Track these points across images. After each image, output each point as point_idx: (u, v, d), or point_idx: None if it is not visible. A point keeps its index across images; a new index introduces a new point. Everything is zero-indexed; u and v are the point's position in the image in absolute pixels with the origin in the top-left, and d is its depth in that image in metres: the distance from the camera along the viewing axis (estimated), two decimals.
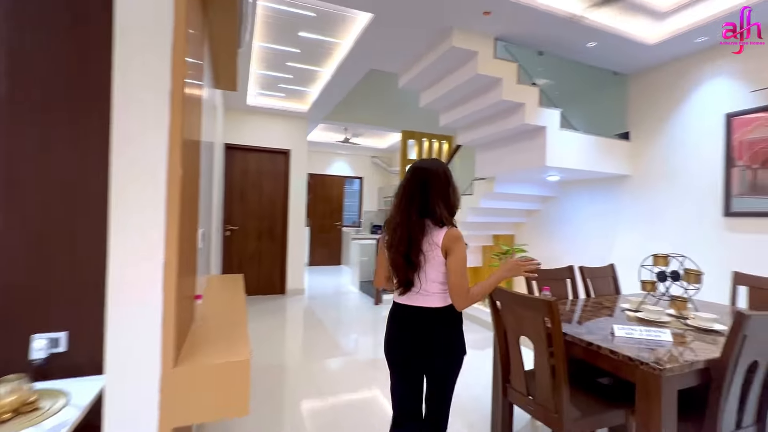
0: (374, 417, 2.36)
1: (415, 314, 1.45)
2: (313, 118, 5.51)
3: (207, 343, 1.31)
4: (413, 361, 1.47)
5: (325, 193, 8.66)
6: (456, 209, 1.51)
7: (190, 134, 1.35)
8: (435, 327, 1.44)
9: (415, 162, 1.61)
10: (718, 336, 1.68)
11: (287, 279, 5.46)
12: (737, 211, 2.90)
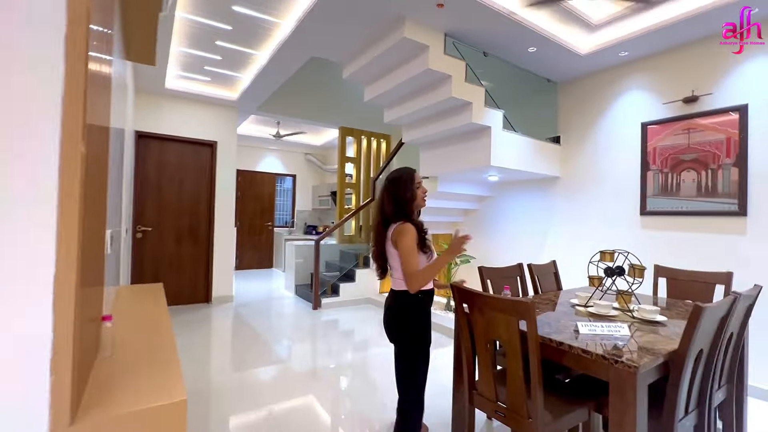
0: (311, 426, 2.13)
1: (388, 296, 1.87)
2: (243, 108, 5.02)
3: (122, 381, 0.98)
4: (391, 339, 1.84)
5: (254, 192, 8.04)
6: (408, 204, 1.77)
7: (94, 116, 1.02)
8: (395, 306, 1.80)
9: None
10: (660, 326, 1.78)
11: (213, 286, 4.89)
12: (651, 210, 3.23)
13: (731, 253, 2.78)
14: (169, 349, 1.27)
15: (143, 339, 1.37)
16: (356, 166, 6.24)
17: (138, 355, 1.21)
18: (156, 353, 1.23)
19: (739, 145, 2.77)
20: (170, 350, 1.26)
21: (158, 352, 1.24)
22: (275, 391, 2.57)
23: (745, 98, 2.74)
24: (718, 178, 2.86)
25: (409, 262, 1.66)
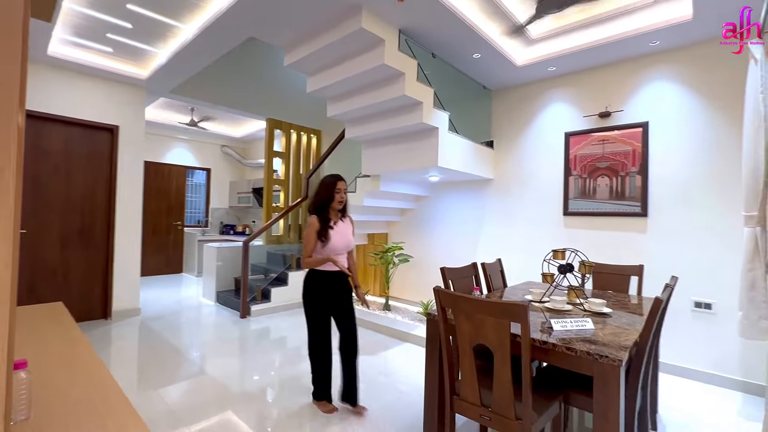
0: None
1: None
2: (153, 89, 4.31)
3: None
4: None
5: (160, 186, 7.03)
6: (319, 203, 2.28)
7: None
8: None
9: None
10: (608, 318, 1.96)
11: (113, 297, 4.11)
12: (572, 211, 3.62)
13: (636, 248, 3.24)
14: (107, 388, 0.96)
15: (65, 380, 1.02)
16: (285, 161, 5.85)
17: (68, 406, 0.89)
18: (91, 398, 0.91)
19: (642, 156, 3.24)
20: (109, 388, 0.96)
21: (93, 395, 0.93)
22: (193, 412, 2.22)
23: (647, 116, 3.21)
24: (626, 183, 3.32)
25: (304, 247, 2.24)
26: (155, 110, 5.97)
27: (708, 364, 2.90)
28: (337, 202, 2.27)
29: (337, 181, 2.29)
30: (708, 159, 2.94)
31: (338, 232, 2.28)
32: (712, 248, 2.90)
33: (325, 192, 2.27)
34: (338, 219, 2.33)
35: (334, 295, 2.28)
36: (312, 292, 2.25)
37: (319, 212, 2.26)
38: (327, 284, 2.25)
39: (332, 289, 2.26)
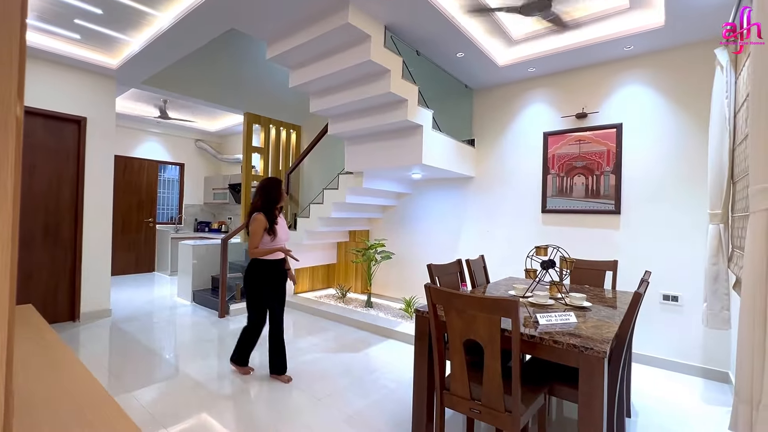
0: None
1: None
2: (125, 79, 4.10)
3: None
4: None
5: (130, 181, 6.72)
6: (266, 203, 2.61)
7: None
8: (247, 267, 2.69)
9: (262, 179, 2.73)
10: (588, 311, 2.04)
11: (81, 299, 3.91)
12: (550, 209, 3.73)
13: (610, 244, 3.39)
14: (91, 391, 0.92)
15: (46, 386, 0.96)
16: (264, 157, 5.73)
17: (53, 412, 0.84)
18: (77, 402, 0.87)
19: (615, 155, 3.38)
20: (94, 391, 0.91)
21: (78, 398, 0.88)
22: (191, 416, 2.16)
23: (621, 118, 3.35)
24: (601, 182, 3.46)
25: (251, 240, 2.56)
26: (124, 101, 5.70)
27: (674, 353, 3.08)
28: (282, 202, 2.70)
29: (280, 183, 2.74)
30: (677, 160, 3.11)
31: (281, 226, 2.68)
32: (680, 244, 3.07)
33: (273, 193, 2.63)
34: (278, 216, 2.71)
35: (275, 281, 2.68)
36: (256, 279, 2.63)
37: (266, 210, 2.59)
38: (271, 271, 2.65)
39: (274, 275, 2.67)
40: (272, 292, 2.66)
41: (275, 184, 2.66)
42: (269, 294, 2.66)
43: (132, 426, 0.80)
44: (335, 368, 2.94)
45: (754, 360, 1.22)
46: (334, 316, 4.26)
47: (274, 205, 2.62)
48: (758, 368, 1.21)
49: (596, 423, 1.44)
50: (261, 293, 2.65)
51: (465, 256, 3.14)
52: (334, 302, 4.72)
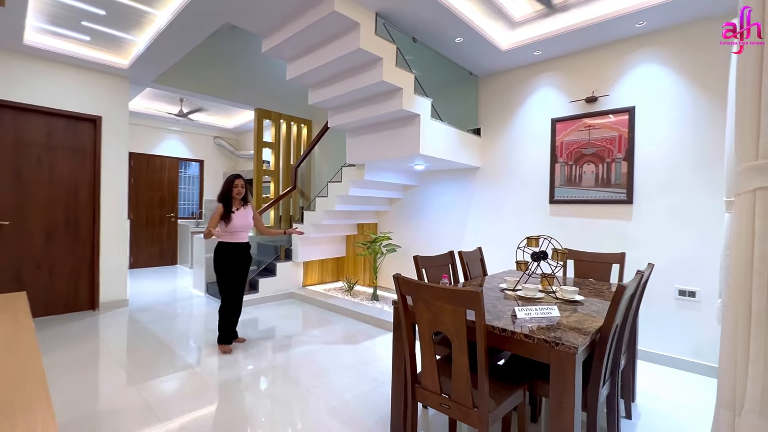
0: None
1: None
2: (137, 79, 4.26)
3: None
4: None
5: (152, 178, 7.01)
6: (223, 194, 3.06)
7: None
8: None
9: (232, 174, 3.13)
10: (579, 305, 1.93)
11: (100, 289, 4.12)
12: (558, 199, 3.56)
13: (621, 235, 3.19)
14: (33, 380, 0.94)
15: None
16: (275, 152, 5.81)
17: None
18: (13, 392, 0.89)
19: (627, 141, 3.17)
20: (35, 381, 0.94)
21: (17, 389, 0.91)
22: (185, 404, 2.22)
23: (633, 100, 3.13)
24: (612, 170, 3.25)
25: (209, 222, 2.96)
26: (145, 101, 5.94)
27: (691, 352, 2.87)
28: (236, 194, 3.06)
29: (235, 179, 3.08)
30: (695, 144, 2.87)
31: (238, 215, 3.05)
32: (698, 235, 2.84)
33: (225, 187, 3.06)
34: (240, 206, 3.10)
35: (236, 262, 3.06)
36: (221, 258, 3.03)
37: (223, 202, 3.02)
38: (231, 252, 3.04)
39: (235, 256, 3.05)
40: (229, 270, 3.04)
41: (228, 178, 3.12)
42: (231, 274, 3.04)
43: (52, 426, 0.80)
44: (331, 360, 2.94)
45: (736, 363, 1.09)
46: (340, 309, 4.28)
47: (229, 196, 3.04)
48: (741, 372, 1.08)
49: (567, 421, 1.35)
50: (225, 274, 3.04)
51: (470, 249, 3.05)
52: (341, 295, 4.73)
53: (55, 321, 3.72)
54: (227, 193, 3.05)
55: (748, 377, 1.06)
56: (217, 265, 3.05)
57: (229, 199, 3.05)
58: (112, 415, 2.13)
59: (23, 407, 0.84)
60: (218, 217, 2.97)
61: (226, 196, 3.04)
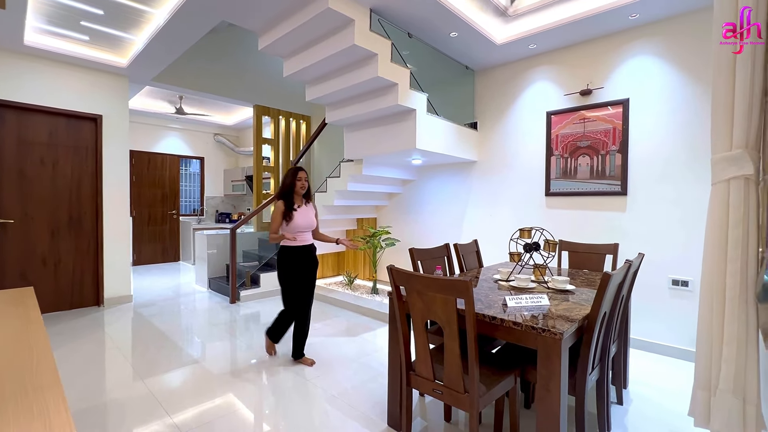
0: (233, 426, 1.97)
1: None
2: (136, 77, 4.30)
3: None
4: None
5: (153, 176, 7.07)
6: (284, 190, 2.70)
7: None
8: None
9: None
10: (570, 294, 1.98)
11: (104, 285, 4.20)
12: (554, 192, 3.60)
13: (616, 227, 3.23)
14: (46, 372, 1.00)
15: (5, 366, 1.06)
16: (274, 148, 5.85)
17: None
18: (27, 381, 0.95)
19: (622, 133, 3.20)
20: (48, 373, 0.99)
21: (31, 379, 0.97)
22: (190, 396, 2.29)
23: (627, 93, 3.16)
24: (606, 162, 3.29)
25: (270, 225, 2.70)
26: (144, 99, 5.98)
27: (685, 340, 2.92)
28: (299, 188, 2.69)
29: (298, 171, 2.71)
30: (689, 136, 2.90)
31: (301, 213, 2.68)
32: (691, 226, 2.88)
33: (288, 181, 2.69)
34: (302, 203, 2.74)
35: (301, 267, 2.70)
36: (283, 264, 2.68)
37: (284, 197, 2.67)
38: (296, 257, 2.68)
39: (300, 261, 2.69)
40: (293, 277, 2.67)
41: (291, 171, 2.71)
42: (295, 279, 2.67)
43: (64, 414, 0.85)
44: (330, 352, 3.01)
45: (711, 345, 1.14)
46: (340, 302, 4.35)
47: (291, 191, 2.67)
48: (716, 354, 1.13)
49: (554, 405, 1.40)
50: (288, 279, 2.68)
51: (467, 242, 3.10)
52: (341, 289, 4.80)
53: (61, 317, 3.80)
54: (290, 188, 2.66)
55: (722, 358, 1.11)
56: (280, 271, 2.68)
57: (291, 195, 2.66)
58: (120, 406, 2.20)
59: (35, 391, 0.90)
60: (280, 216, 2.60)
61: (288, 192, 2.66)
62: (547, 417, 1.41)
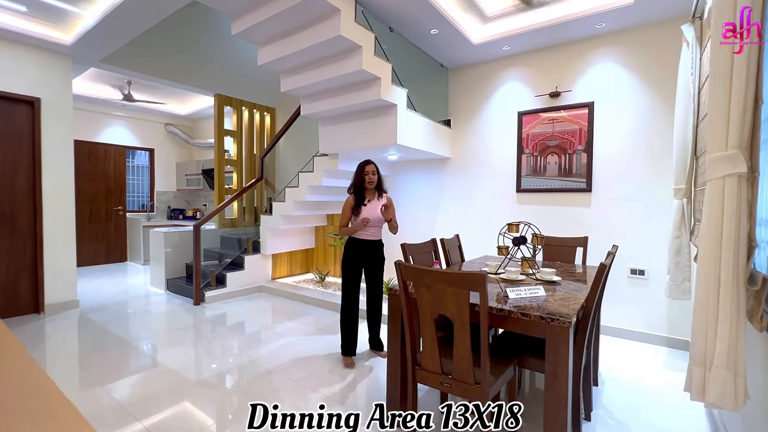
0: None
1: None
2: (81, 58, 3.85)
3: None
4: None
5: (95, 168, 6.41)
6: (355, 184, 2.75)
7: None
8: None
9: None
10: (557, 285, 2.08)
11: (45, 289, 3.74)
12: (525, 188, 3.77)
13: (581, 221, 3.46)
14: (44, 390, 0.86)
15: None
16: (237, 140, 5.55)
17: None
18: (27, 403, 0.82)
19: (587, 134, 3.42)
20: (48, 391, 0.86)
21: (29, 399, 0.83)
22: (144, 405, 2.11)
23: (593, 96, 3.38)
24: (573, 161, 3.50)
25: (341, 219, 2.75)
26: (85, 82, 5.39)
27: (641, 324, 3.21)
28: (367, 183, 2.70)
29: (365, 165, 2.72)
30: (645, 137, 3.17)
31: (370, 208, 2.71)
32: (647, 220, 3.16)
33: (357, 175, 2.73)
34: (373, 197, 2.76)
35: (367, 260, 2.76)
36: (348, 256, 2.74)
37: (355, 192, 2.72)
38: (360, 249, 2.74)
39: (364, 254, 2.75)
40: (354, 270, 2.74)
41: (358, 167, 2.75)
42: (358, 272, 2.76)
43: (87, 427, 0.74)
44: (312, 351, 2.93)
45: (707, 325, 1.26)
46: (312, 300, 4.24)
47: (361, 186, 2.70)
48: (711, 333, 1.25)
49: (562, 390, 1.47)
50: (350, 271, 2.74)
51: (443, 237, 3.15)
52: (312, 286, 4.69)
53: None
54: (360, 183, 2.69)
55: (717, 337, 1.23)
56: (344, 263, 2.75)
57: (361, 189, 2.70)
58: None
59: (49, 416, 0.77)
60: (349, 211, 2.67)
61: (359, 187, 2.70)
62: (556, 402, 1.48)
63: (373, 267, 2.80)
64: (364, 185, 2.70)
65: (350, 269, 2.74)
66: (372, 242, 2.76)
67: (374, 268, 2.80)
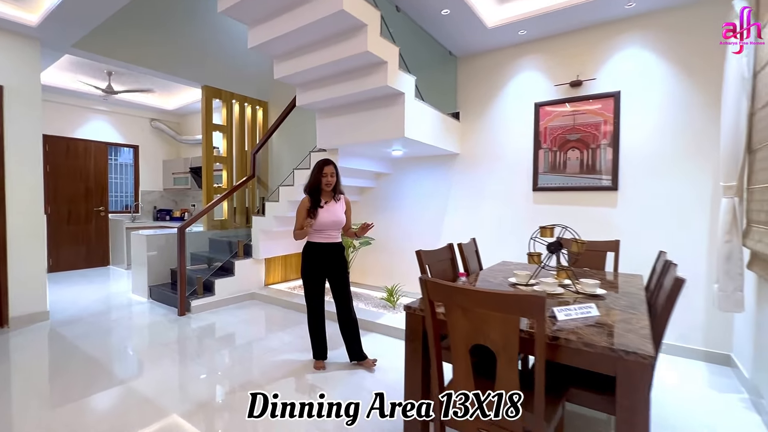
0: None
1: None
2: (51, 41, 3.45)
3: None
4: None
5: (74, 166, 5.98)
6: (310, 186, 2.55)
7: None
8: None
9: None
10: (602, 300, 1.76)
11: (9, 300, 3.34)
12: (542, 186, 3.45)
13: (606, 223, 3.15)
14: None
15: None
16: (227, 136, 5.17)
17: None
18: None
19: (613, 127, 3.11)
20: None
21: None
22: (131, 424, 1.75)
23: (619, 85, 3.07)
24: (597, 156, 3.19)
25: (295, 221, 2.56)
26: (63, 73, 4.98)
27: (672, 335, 2.90)
28: (324, 185, 2.51)
29: (323, 165, 2.52)
30: (680, 130, 2.86)
31: (327, 210, 2.51)
32: (682, 221, 2.86)
33: (313, 176, 2.54)
34: (330, 199, 2.57)
35: (327, 264, 2.55)
36: (307, 261, 2.55)
37: (311, 193, 2.53)
38: (319, 254, 2.54)
39: (324, 258, 2.54)
40: (315, 275, 2.55)
41: (315, 165, 2.56)
42: (319, 278, 2.56)
43: None
44: (310, 369, 2.58)
45: None
46: None
47: (317, 187, 2.52)
48: None
49: None
50: (310, 278, 2.56)
51: (450, 240, 2.82)
52: None
53: None
54: (316, 184, 2.52)
55: None
56: (302, 269, 2.57)
57: (317, 191, 2.53)
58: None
59: None
60: (304, 212, 2.47)
61: (315, 188, 2.53)
62: None
63: (337, 273, 2.58)
64: (320, 187, 2.52)
65: (312, 277, 2.55)
66: (331, 245, 2.57)
67: (338, 274, 2.59)
